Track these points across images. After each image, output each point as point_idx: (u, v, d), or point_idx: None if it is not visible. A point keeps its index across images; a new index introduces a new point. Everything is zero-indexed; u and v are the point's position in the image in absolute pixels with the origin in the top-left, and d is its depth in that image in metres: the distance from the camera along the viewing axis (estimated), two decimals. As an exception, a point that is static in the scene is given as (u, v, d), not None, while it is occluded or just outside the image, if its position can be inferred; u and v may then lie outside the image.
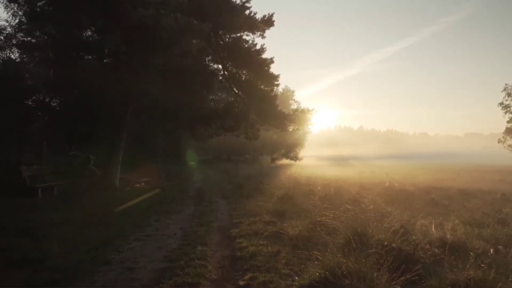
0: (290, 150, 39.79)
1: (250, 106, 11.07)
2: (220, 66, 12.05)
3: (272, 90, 10.34)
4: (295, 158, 39.44)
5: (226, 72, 11.01)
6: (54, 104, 14.84)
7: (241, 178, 15.68)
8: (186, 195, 10.13)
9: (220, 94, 15.78)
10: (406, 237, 4.59)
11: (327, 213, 6.34)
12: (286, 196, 8.84)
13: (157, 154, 25.10)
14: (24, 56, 14.98)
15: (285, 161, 40.99)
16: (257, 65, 9.66)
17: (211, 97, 12.05)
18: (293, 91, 39.89)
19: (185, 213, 6.91)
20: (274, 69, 10.38)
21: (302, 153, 41.83)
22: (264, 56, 9.80)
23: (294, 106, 32.34)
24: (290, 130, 12.52)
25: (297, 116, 10.92)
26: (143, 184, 12.18)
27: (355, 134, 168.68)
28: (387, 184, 14.33)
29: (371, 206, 7.71)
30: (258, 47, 9.87)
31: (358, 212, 6.51)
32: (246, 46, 9.64)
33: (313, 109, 11.14)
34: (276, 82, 10.34)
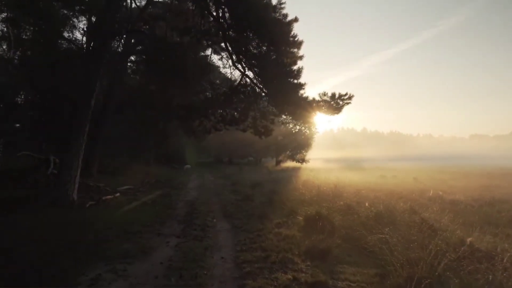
0: (296, 152, 36.71)
1: (261, 89, 8.09)
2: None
3: (294, 63, 7.33)
4: (302, 160, 36.30)
5: (227, 44, 8.02)
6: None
7: (247, 185, 12.67)
8: (172, 213, 7.10)
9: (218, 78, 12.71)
10: None
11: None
12: (319, 217, 5.84)
13: (149, 156, 22.10)
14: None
15: (290, 163, 37.87)
16: (272, 26, 6.67)
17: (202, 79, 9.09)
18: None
19: (157, 258, 3.89)
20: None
21: (307, 155, 38.65)
22: (284, 12, 6.82)
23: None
24: (311, 122, 9.44)
25: (326, 103, 7.91)
26: (118, 195, 9.16)
27: (359, 135, 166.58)
28: (431, 193, 11.48)
29: (470, 239, 4.74)
30: (274, 1, 6.93)
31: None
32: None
33: (346, 94, 8.11)
34: (299, 53, 7.36)
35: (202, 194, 10.36)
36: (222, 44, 8.48)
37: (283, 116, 9.90)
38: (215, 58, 10.89)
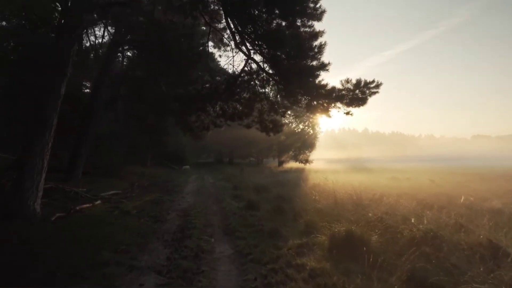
0: (299, 152, 35.22)
1: (271, 75, 6.63)
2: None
3: (314, 37, 5.85)
4: (305, 161, 34.78)
5: (229, 19, 6.57)
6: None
7: (250, 189, 11.21)
8: (158, 228, 5.64)
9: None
10: None
11: None
12: (351, 238, 4.40)
13: (146, 156, 20.66)
14: None
15: (293, 164, 36.37)
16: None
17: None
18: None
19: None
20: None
21: (311, 155, 37.11)
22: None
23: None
24: (329, 116, 7.94)
25: (349, 92, 6.46)
26: (98, 202, 7.70)
27: (360, 136, 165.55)
28: (462, 200, 10.01)
29: None
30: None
31: None
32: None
33: (373, 81, 6.66)
34: (319, 28, 5.89)
35: (199, 201, 8.90)
36: (223, 21, 7.03)
37: (294, 107, 8.44)
38: (214, 43, 9.43)
